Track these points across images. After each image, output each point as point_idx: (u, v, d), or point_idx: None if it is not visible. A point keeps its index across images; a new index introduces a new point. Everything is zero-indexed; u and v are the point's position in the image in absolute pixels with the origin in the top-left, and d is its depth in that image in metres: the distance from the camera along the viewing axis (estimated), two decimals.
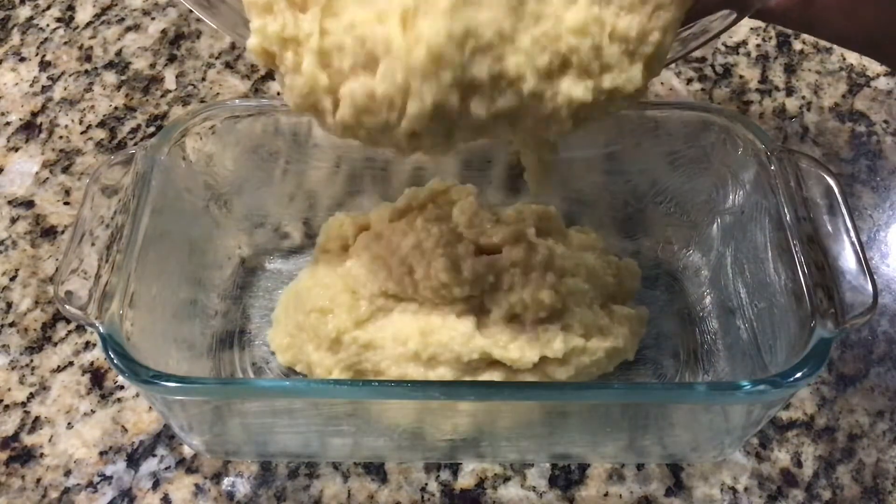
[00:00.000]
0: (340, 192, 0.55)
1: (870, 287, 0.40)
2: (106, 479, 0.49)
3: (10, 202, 0.62)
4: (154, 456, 0.50)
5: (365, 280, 0.49)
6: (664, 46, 0.37)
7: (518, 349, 0.46)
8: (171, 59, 0.72)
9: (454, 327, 0.47)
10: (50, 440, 0.51)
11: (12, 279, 0.58)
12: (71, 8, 0.76)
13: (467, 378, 0.47)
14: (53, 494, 0.49)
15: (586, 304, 0.49)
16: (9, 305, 0.57)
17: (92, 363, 0.54)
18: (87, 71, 0.71)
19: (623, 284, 0.53)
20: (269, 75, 0.70)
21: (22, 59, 0.72)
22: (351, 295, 0.49)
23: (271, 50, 0.36)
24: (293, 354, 0.50)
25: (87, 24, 0.75)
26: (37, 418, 0.52)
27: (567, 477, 0.49)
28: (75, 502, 0.48)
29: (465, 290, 0.47)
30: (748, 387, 0.38)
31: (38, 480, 0.49)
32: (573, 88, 0.36)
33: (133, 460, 0.50)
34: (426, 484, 0.49)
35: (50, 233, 0.60)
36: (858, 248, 0.41)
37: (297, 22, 0.36)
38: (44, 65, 0.72)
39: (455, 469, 0.49)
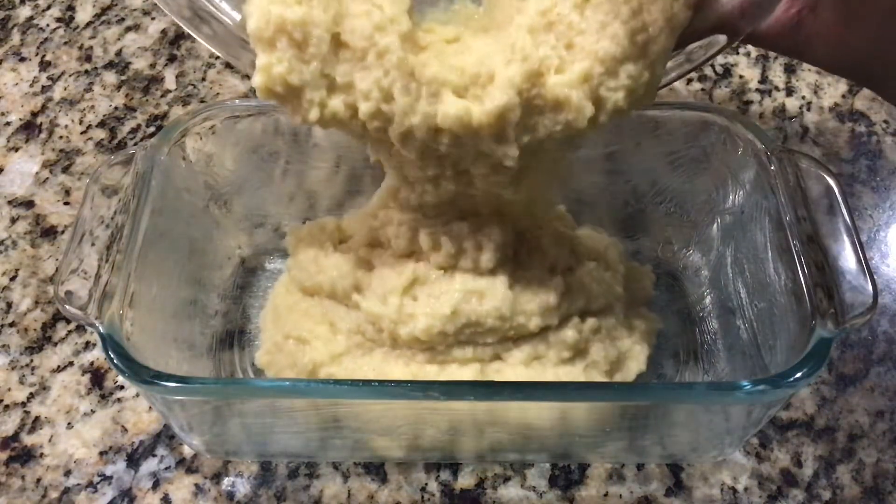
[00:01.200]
0: (340, 192, 0.55)
1: (870, 287, 0.40)
2: (106, 479, 0.49)
3: (10, 202, 0.62)
4: (154, 456, 0.50)
5: (344, 314, 0.48)
6: (656, 77, 0.37)
7: None
8: (171, 59, 0.72)
9: (454, 375, 0.46)
10: (50, 440, 0.51)
11: (12, 279, 0.58)
12: (71, 8, 0.76)
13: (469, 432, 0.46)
14: (53, 494, 0.49)
15: (612, 338, 0.48)
16: (9, 305, 0.57)
17: (92, 363, 0.54)
18: (87, 71, 0.71)
19: (641, 292, 0.52)
20: None
21: (22, 59, 0.72)
22: (329, 327, 0.48)
23: (275, 90, 0.37)
24: (275, 373, 0.50)
25: (87, 24, 0.75)
26: (37, 418, 0.52)
27: (567, 477, 0.49)
28: (75, 502, 0.48)
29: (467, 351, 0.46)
30: (748, 387, 0.38)
31: (38, 480, 0.49)
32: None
33: (133, 460, 0.50)
34: (426, 484, 0.49)
35: (50, 233, 0.60)
36: (858, 248, 0.41)
37: (301, 71, 0.36)
38: (44, 65, 0.72)
39: (455, 469, 0.49)
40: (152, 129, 0.67)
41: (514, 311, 0.45)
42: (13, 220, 0.61)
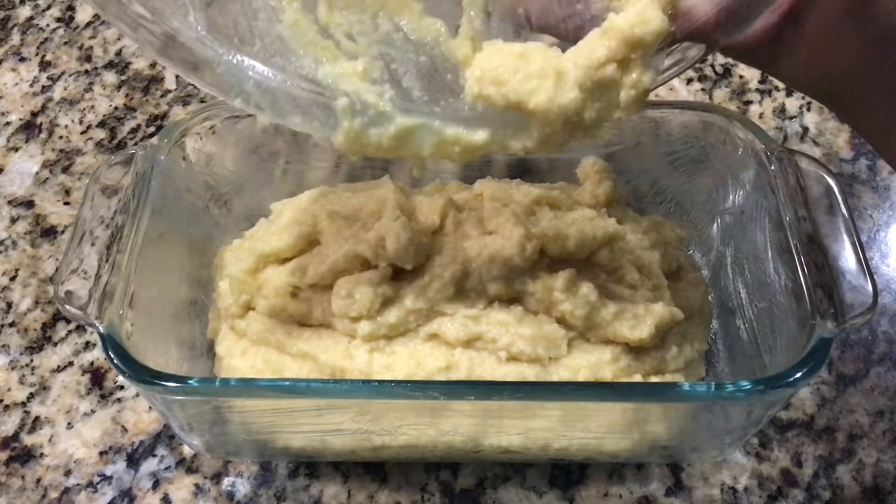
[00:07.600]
0: None
1: (870, 287, 0.40)
2: (106, 479, 0.49)
3: (10, 202, 0.62)
4: (154, 456, 0.50)
5: (289, 363, 0.45)
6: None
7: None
8: None
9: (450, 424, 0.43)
10: (50, 440, 0.51)
11: (12, 279, 0.58)
12: (71, 8, 0.76)
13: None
14: (53, 494, 0.49)
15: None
16: (9, 305, 0.57)
17: (92, 363, 0.54)
18: (87, 71, 0.71)
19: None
20: None
21: (22, 59, 0.72)
22: (273, 375, 0.45)
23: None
24: None
25: (87, 24, 0.75)
26: (37, 418, 0.52)
27: (567, 477, 0.49)
28: (75, 502, 0.48)
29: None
30: (748, 387, 0.38)
31: (38, 480, 0.49)
32: None
33: (133, 460, 0.50)
34: (426, 484, 0.49)
35: (50, 233, 0.60)
36: (858, 248, 0.41)
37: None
38: (44, 65, 0.72)
39: (455, 469, 0.49)
40: (152, 129, 0.67)
41: (550, 375, 0.42)
42: (13, 220, 0.61)
